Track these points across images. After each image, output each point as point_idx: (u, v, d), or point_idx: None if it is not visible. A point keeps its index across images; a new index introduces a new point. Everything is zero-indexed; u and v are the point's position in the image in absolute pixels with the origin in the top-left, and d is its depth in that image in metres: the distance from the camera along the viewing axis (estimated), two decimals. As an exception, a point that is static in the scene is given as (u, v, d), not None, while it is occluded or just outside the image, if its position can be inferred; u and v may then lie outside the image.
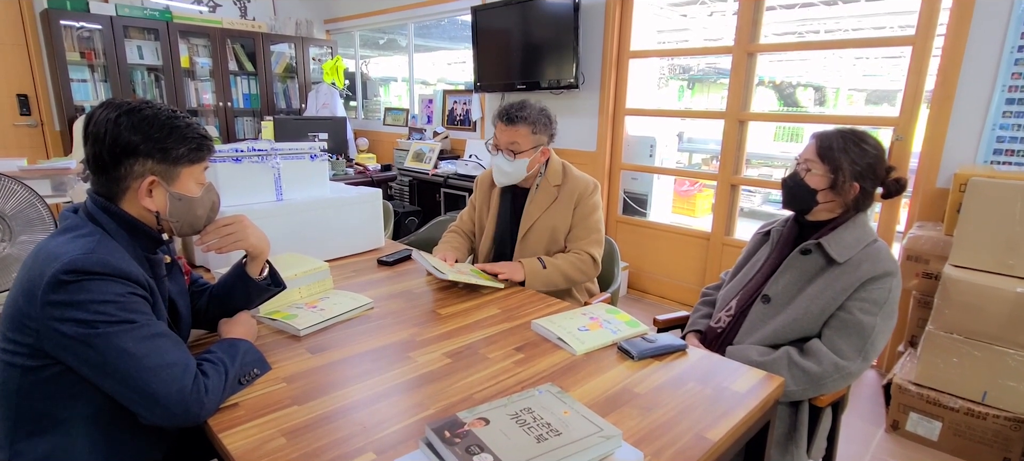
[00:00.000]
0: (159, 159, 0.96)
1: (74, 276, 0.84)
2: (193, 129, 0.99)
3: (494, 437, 0.79)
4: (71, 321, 0.84)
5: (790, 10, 5.33)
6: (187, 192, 1.01)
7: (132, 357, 0.86)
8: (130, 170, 0.94)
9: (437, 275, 1.53)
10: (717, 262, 3.20)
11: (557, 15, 3.40)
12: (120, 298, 0.87)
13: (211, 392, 0.91)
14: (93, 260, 0.86)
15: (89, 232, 0.92)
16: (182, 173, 1.00)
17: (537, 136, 1.71)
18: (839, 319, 1.25)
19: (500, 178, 1.78)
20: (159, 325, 0.92)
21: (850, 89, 7.25)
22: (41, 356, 0.87)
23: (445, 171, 4.05)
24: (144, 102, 0.96)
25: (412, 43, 4.97)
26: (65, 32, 4.09)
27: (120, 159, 0.93)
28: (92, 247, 0.88)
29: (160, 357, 0.88)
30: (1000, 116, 2.17)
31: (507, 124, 1.69)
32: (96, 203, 0.96)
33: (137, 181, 0.95)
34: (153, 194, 0.97)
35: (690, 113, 5.73)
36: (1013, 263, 1.81)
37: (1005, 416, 1.82)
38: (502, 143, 1.71)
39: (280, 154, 1.76)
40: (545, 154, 1.77)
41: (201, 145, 1.01)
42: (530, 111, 1.71)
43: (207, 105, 4.88)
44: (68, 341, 0.85)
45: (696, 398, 1.02)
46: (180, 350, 0.92)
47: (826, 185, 1.30)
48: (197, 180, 1.04)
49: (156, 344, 0.88)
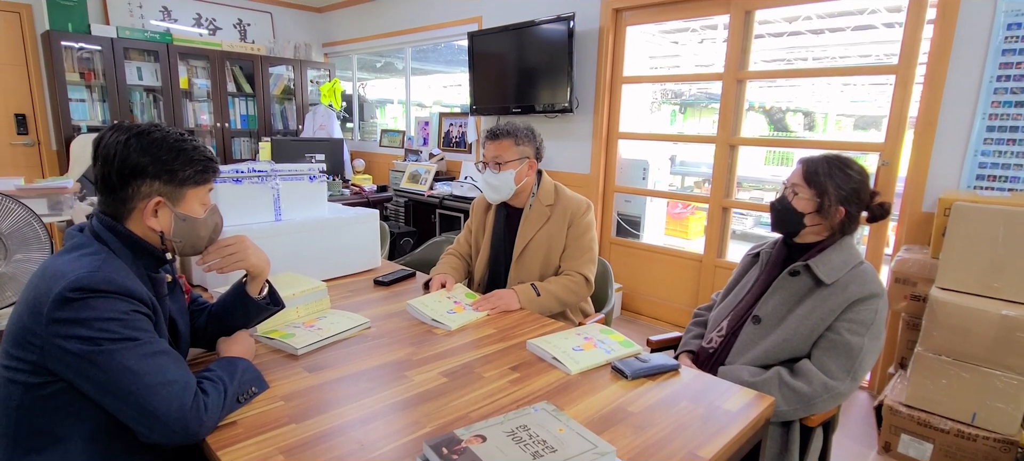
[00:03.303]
0: (166, 180, 0.98)
1: (80, 294, 0.86)
2: (200, 152, 1.02)
3: (491, 454, 0.81)
4: (75, 338, 0.85)
5: (779, 39, 5.47)
6: (191, 213, 1.04)
7: (134, 374, 0.87)
8: (137, 191, 0.97)
9: (442, 328, 1.46)
10: (709, 283, 3.23)
11: (552, 41, 3.48)
12: (124, 316, 0.89)
13: (210, 410, 0.92)
14: (99, 278, 0.88)
15: (95, 251, 0.94)
16: (188, 194, 1.02)
17: (521, 147, 1.76)
18: (828, 340, 1.28)
19: (491, 194, 1.82)
20: (161, 343, 0.94)
21: (838, 114, 7.40)
22: (43, 373, 0.88)
23: (441, 192, 4.08)
24: (153, 125, 0.99)
25: (409, 66, 5.05)
26: (65, 53, 4.13)
27: (128, 180, 0.96)
28: (98, 266, 0.90)
29: (161, 375, 0.88)
30: (982, 143, 2.24)
31: (491, 139, 1.78)
32: (102, 222, 0.98)
33: (144, 202, 0.98)
34: (159, 214, 0.99)
35: (682, 137, 5.82)
36: (998, 286, 1.85)
37: (994, 437, 1.85)
38: (488, 158, 1.78)
39: (280, 175, 1.79)
40: (533, 167, 1.81)
41: (207, 167, 1.04)
42: (512, 126, 1.79)
43: (205, 126, 4.92)
44: (71, 358, 0.86)
45: (689, 417, 1.04)
46: (181, 368, 0.93)
47: (813, 208, 1.33)
48: (201, 201, 1.06)
49: (158, 362, 0.90)
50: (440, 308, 1.55)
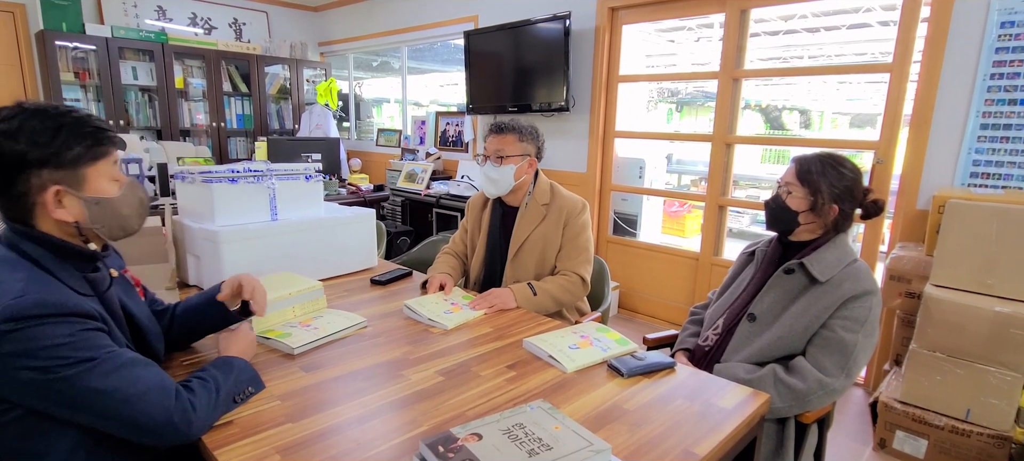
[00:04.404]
0: (55, 165, 0.85)
1: (13, 325, 0.77)
2: (86, 124, 0.88)
3: (487, 452, 0.81)
4: (27, 369, 0.78)
5: (774, 37, 5.48)
6: (102, 194, 0.91)
7: (103, 394, 0.81)
8: (28, 184, 0.85)
9: (438, 327, 1.47)
10: (706, 282, 3.24)
11: (548, 40, 3.49)
12: (70, 339, 0.81)
13: (199, 409, 0.90)
14: (28, 303, 0.79)
15: (12, 265, 0.84)
16: (88, 174, 0.89)
17: (524, 144, 1.78)
18: (822, 337, 1.29)
19: (489, 188, 1.82)
20: (122, 354, 0.87)
21: (834, 112, 7.43)
22: (4, 401, 0.82)
23: (437, 191, 4.08)
24: (20, 107, 0.85)
25: (405, 65, 5.05)
26: (60, 53, 4.11)
27: (12, 175, 0.84)
28: (21, 288, 0.80)
29: (133, 386, 0.84)
30: (975, 141, 2.25)
31: (495, 133, 1.79)
32: (12, 230, 0.88)
33: (40, 194, 0.86)
34: (64, 204, 0.88)
35: (678, 136, 5.83)
36: (991, 283, 1.87)
37: (988, 433, 1.86)
38: (490, 151, 1.79)
39: (276, 175, 1.79)
40: (532, 165, 1.82)
41: (99, 139, 0.90)
42: (516, 123, 1.80)
43: (201, 125, 4.90)
44: (29, 388, 0.80)
45: (684, 414, 1.05)
46: (152, 372, 0.88)
47: (806, 207, 1.34)
48: (110, 177, 0.93)
49: (125, 375, 0.84)
50: (437, 308, 1.55)
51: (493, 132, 1.80)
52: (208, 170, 1.69)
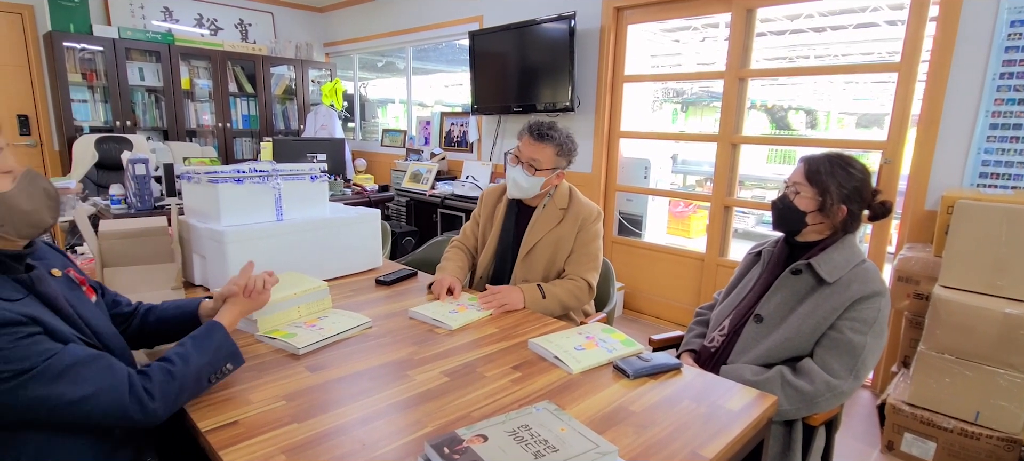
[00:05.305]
0: None
1: None
2: None
3: (492, 453, 0.80)
4: None
5: (780, 37, 5.46)
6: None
7: (49, 400, 0.78)
8: None
9: (443, 327, 1.46)
10: (711, 282, 3.22)
11: (553, 40, 3.48)
12: (1, 353, 0.76)
13: (158, 397, 0.88)
14: None
15: None
16: None
17: (559, 158, 1.76)
18: (830, 338, 1.28)
19: (513, 190, 1.81)
20: (64, 355, 0.82)
21: (841, 113, 7.38)
22: None
23: (442, 192, 4.08)
24: None
25: (410, 66, 5.05)
26: (67, 53, 4.14)
27: None
28: None
29: (80, 389, 0.81)
30: (985, 141, 2.23)
31: (535, 140, 1.73)
32: None
33: None
34: None
35: (684, 136, 5.81)
36: (1001, 284, 1.85)
37: (998, 436, 1.84)
38: (524, 156, 1.74)
39: (281, 175, 1.79)
40: (561, 178, 1.81)
41: None
42: (558, 133, 1.75)
43: (206, 125, 4.93)
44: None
45: (691, 416, 1.04)
46: (99, 366, 0.85)
47: (814, 207, 1.33)
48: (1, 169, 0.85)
49: (70, 376, 0.81)
50: (442, 309, 1.55)
51: (533, 137, 1.72)
52: (214, 170, 1.69)
